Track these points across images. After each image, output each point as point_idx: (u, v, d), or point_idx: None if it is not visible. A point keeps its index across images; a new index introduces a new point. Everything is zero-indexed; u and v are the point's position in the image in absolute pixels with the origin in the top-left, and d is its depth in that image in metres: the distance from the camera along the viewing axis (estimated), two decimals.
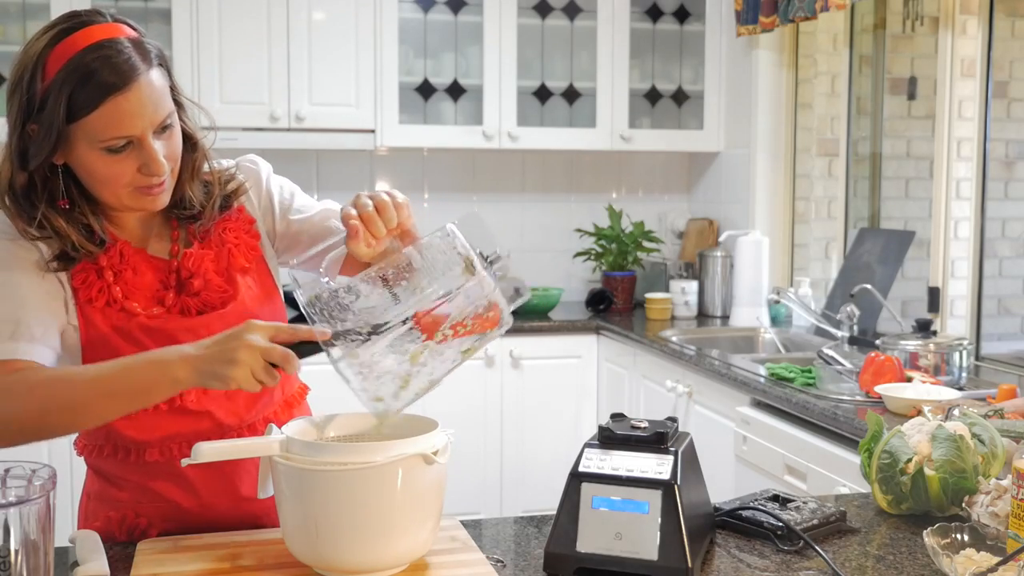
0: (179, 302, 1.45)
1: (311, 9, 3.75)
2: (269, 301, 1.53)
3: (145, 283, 1.44)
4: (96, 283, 1.40)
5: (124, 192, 1.37)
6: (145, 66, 1.33)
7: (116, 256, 1.42)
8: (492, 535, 1.44)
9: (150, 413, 1.42)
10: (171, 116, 1.38)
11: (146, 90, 1.33)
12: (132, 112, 1.32)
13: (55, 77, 1.30)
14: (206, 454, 1.19)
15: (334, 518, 1.18)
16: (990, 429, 1.57)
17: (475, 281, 1.23)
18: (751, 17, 3.71)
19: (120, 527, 1.49)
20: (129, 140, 1.33)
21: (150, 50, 1.36)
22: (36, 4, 3.61)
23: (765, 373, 2.80)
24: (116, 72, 1.30)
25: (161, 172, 1.36)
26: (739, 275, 3.75)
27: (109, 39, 1.32)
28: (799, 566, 1.31)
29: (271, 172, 1.61)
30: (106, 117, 1.30)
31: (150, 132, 1.34)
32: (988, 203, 3.14)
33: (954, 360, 2.61)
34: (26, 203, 1.37)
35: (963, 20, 3.15)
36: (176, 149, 1.41)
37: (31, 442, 1.35)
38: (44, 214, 1.36)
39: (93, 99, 1.30)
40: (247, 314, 1.45)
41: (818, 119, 3.85)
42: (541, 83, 4.08)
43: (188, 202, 1.47)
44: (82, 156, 1.34)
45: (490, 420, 3.78)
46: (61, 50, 1.30)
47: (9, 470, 1.09)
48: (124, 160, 1.34)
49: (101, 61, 1.30)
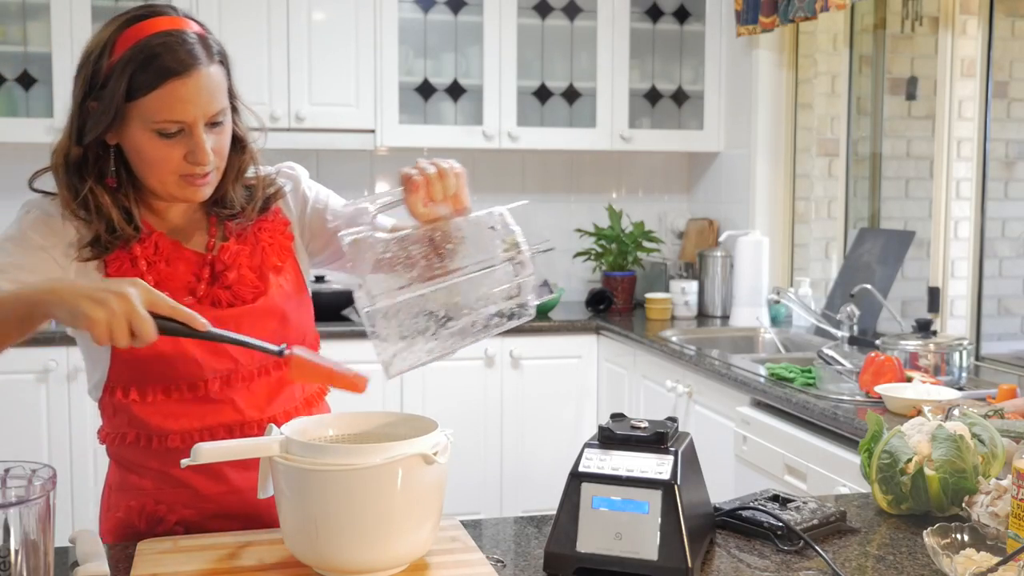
0: (210, 294, 1.49)
1: (311, 9, 3.75)
2: (298, 300, 1.57)
3: (178, 274, 1.48)
4: (130, 271, 1.45)
5: (170, 179, 1.42)
6: (206, 59, 1.40)
7: (151, 247, 1.47)
8: (492, 535, 1.44)
9: (174, 400, 1.46)
10: (223, 114, 1.44)
11: (203, 81, 1.39)
12: (187, 99, 1.37)
13: (121, 56, 1.37)
14: (205, 455, 1.19)
15: (334, 518, 1.18)
16: (990, 429, 1.57)
17: (516, 262, 1.25)
18: (751, 17, 3.71)
19: (140, 516, 1.51)
20: (181, 127, 1.39)
21: (212, 46, 1.43)
22: (36, 4, 3.61)
23: (765, 373, 2.80)
24: (177, 58, 1.37)
25: (206, 162, 1.41)
26: (739, 275, 3.75)
27: (176, 29, 1.39)
28: (799, 566, 1.31)
29: (307, 177, 1.66)
30: (162, 100, 1.36)
31: (201, 122, 1.40)
32: (988, 203, 3.14)
33: (954, 360, 2.61)
34: (76, 176, 1.43)
35: (963, 20, 3.15)
36: (224, 146, 1.46)
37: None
38: (91, 189, 1.42)
39: (152, 81, 1.36)
40: (275, 310, 1.51)
41: (818, 119, 3.85)
42: (541, 83, 4.08)
43: (229, 202, 1.53)
44: (135, 136, 1.40)
45: (490, 420, 3.78)
46: (130, 33, 1.38)
47: (9, 470, 1.09)
48: (173, 146, 1.40)
49: (165, 47, 1.37)
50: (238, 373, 1.49)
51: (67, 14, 3.57)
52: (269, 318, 1.51)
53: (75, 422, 3.45)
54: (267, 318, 1.51)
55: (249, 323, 1.48)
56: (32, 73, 3.66)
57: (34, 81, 3.66)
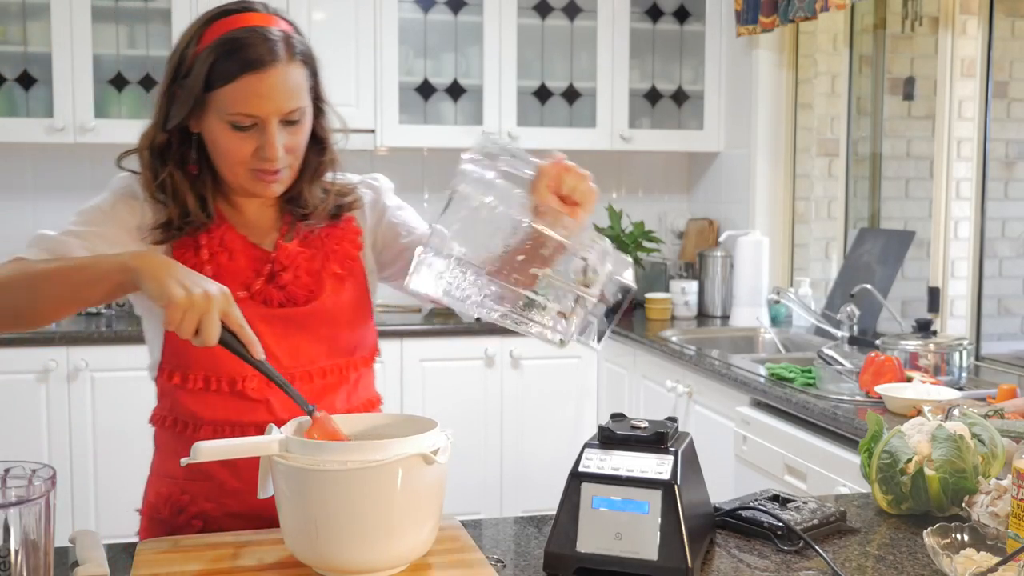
0: (264, 291, 1.50)
1: (311, 9, 3.75)
2: (355, 310, 1.57)
3: (238, 268, 1.50)
4: (191, 260, 1.47)
5: (240, 171, 1.45)
6: (287, 57, 1.41)
7: (217, 239, 1.49)
8: (492, 535, 1.44)
9: (212, 392, 1.48)
10: (300, 113, 1.45)
11: (280, 78, 1.40)
12: (262, 94, 1.39)
13: (206, 47, 1.40)
14: (205, 453, 1.19)
15: (334, 518, 1.18)
16: (990, 429, 1.57)
17: (580, 296, 1.22)
18: (751, 17, 3.71)
19: (166, 503, 1.53)
20: (255, 121, 1.41)
21: (296, 45, 1.44)
22: (36, 4, 3.61)
23: (765, 373, 2.80)
24: (256, 53, 1.39)
25: (275, 158, 1.42)
26: (739, 275, 3.75)
27: (262, 25, 1.42)
28: (799, 566, 1.31)
29: (390, 190, 1.67)
30: (238, 92, 1.39)
31: (275, 119, 1.41)
32: (988, 203, 3.14)
33: (954, 360, 2.61)
34: (158, 160, 1.47)
35: (963, 20, 3.15)
36: (298, 145, 1.47)
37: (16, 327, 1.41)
38: (171, 173, 1.46)
39: (230, 72, 1.38)
40: (326, 316, 1.51)
41: (818, 119, 3.85)
42: (541, 83, 4.08)
43: (304, 201, 1.54)
44: (211, 126, 1.42)
45: (490, 420, 3.78)
46: (218, 25, 1.42)
47: (9, 470, 1.09)
48: (246, 139, 1.42)
49: (247, 41, 1.39)
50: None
51: (67, 14, 3.57)
52: (318, 323, 1.51)
53: (75, 422, 3.45)
54: (316, 322, 1.51)
55: (297, 325, 1.50)
56: (32, 73, 3.66)
57: (34, 81, 3.66)
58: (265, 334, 1.47)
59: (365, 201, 1.61)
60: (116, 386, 3.47)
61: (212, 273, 1.46)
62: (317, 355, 1.52)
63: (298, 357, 1.50)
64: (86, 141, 3.63)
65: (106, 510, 3.49)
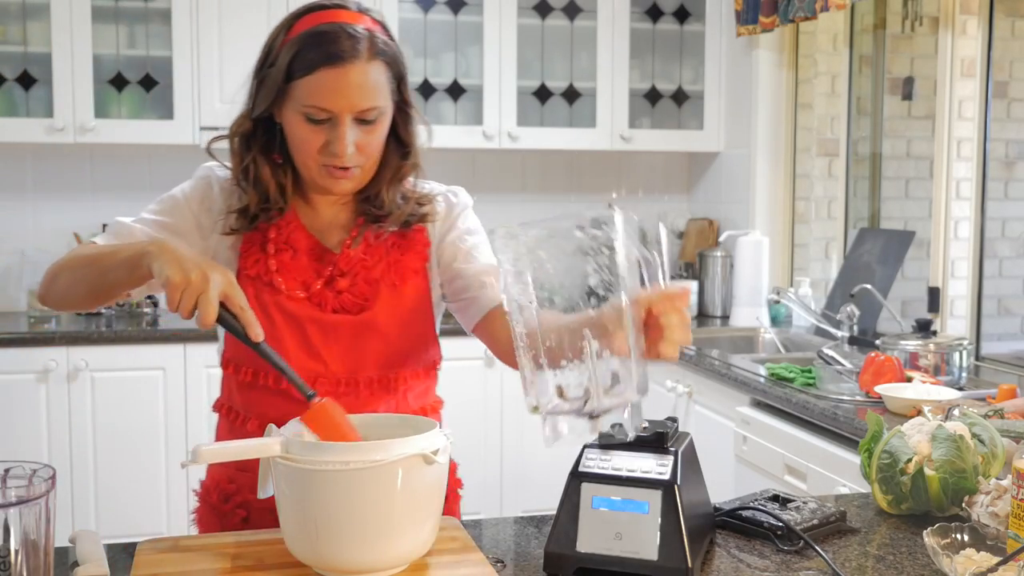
0: (320, 294, 1.51)
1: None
2: (410, 323, 1.54)
3: (300, 266, 1.51)
4: (257, 254, 1.50)
5: (312, 164, 1.46)
6: (367, 56, 1.42)
7: (284, 236, 1.51)
8: (492, 535, 1.44)
9: (259, 386, 1.51)
10: (376, 112, 1.44)
11: (357, 75, 1.41)
12: (335, 89, 1.40)
13: (292, 38, 1.43)
14: (205, 456, 1.18)
15: (334, 518, 1.18)
16: (990, 429, 1.57)
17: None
18: (751, 17, 3.71)
19: (216, 488, 1.57)
20: (329, 116, 1.41)
21: (379, 44, 1.44)
22: (36, 4, 3.61)
23: (765, 373, 2.80)
24: (336, 48, 1.40)
25: (343, 154, 1.43)
26: (739, 275, 3.75)
27: (348, 22, 1.43)
28: (799, 566, 1.31)
29: (467, 208, 1.63)
30: (313, 85, 1.40)
31: (348, 115, 1.42)
32: (988, 203, 3.14)
33: (954, 360, 2.61)
34: (244, 146, 1.49)
35: (963, 20, 3.15)
36: (372, 145, 1.46)
37: (80, 307, 1.50)
38: (254, 159, 1.48)
39: (308, 65, 1.40)
40: (377, 327, 1.51)
41: (818, 119, 3.85)
42: (541, 83, 4.08)
43: (380, 202, 1.53)
44: (289, 116, 1.44)
45: (490, 420, 3.78)
46: (309, 18, 1.44)
47: (9, 470, 1.09)
48: (318, 132, 1.43)
49: (328, 36, 1.40)
50: (324, 378, 1.50)
51: (67, 14, 3.57)
52: (368, 333, 1.51)
53: (75, 422, 3.45)
54: (366, 333, 1.51)
55: (348, 333, 1.50)
56: (32, 73, 3.66)
57: (34, 81, 3.66)
58: (315, 337, 1.50)
59: (439, 215, 1.59)
60: (116, 386, 3.47)
61: (276, 267, 1.49)
62: (365, 365, 1.52)
63: (345, 364, 1.50)
64: (86, 141, 3.63)
65: (106, 510, 3.49)
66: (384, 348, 1.52)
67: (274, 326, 1.47)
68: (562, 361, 1.15)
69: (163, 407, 3.51)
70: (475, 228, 1.62)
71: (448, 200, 1.62)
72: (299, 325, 1.49)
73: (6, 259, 3.91)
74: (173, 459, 3.51)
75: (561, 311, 1.15)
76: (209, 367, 3.50)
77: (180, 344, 3.50)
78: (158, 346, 3.50)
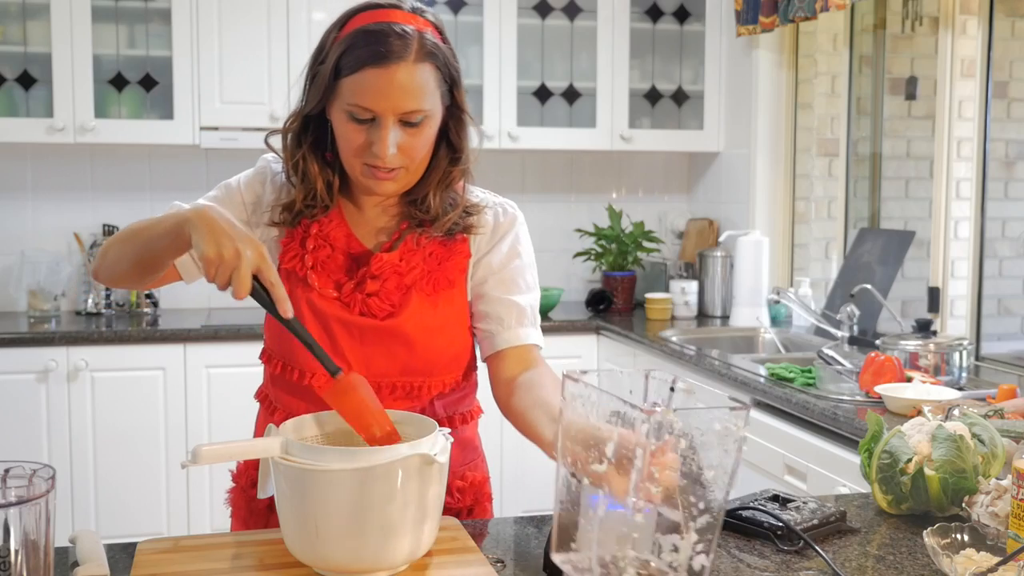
0: (350, 295, 1.50)
1: (311, 9, 3.75)
2: (440, 331, 1.52)
3: (335, 265, 1.51)
4: (297, 249, 1.51)
5: (355, 163, 1.45)
6: (415, 57, 1.40)
7: (325, 233, 1.51)
8: (492, 535, 1.44)
9: (287, 379, 1.52)
10: (421, 115, 1.43)
11: (402, 77, 1.39)
12: (379, 89, 1.39)
13: (343, 36, 1.42)
14: (205, 456, 1.18)
15: (334, 518, 1.18)
16: (990, 429, 1.57)
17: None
18: (751, 17, 3.71)
19: (245, 474, 1.61)
20: (372, 116, 1.41)
21: (428, 46, 1.43)
22: (36, 4, 3.61)
23: (765, 373, 2.80)
24: (382, 49, 1.39)
25: (384, 156, 1.41)
26: (739, 275, 3.75)
27: (398, 22, 1.41)
28: (799, 566, 1.31)
29: (515, 226, 1.58)
30: (358, 84, 1.39)
31: (391, 116, 1.40)
32: (988, 203, 3.14)
33: (954, 360, 2.61)
34: (295, 142, 1.50)
35: (963, 20, 3.15)
36: (415, 148, 1.45)
37: (127, 284, 1.50)
38: (305, 154, 1.49)
39: (355, 64, 1.40)
40: (402, 334, 1.50)
41: (818, 119, 3.85)
42: (541, 83, 4.09)
43: (427, 206, 1.51)
44: (334, 114, 1.44)
45: (490, 420, 3.77)
46: (361, 17, 1.43)
47: (9, 470, 1.09)
48: (361, 131, 1.42)
49: (378, 36, 1.39)
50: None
51: (67, 14, 3.57)
52: (392, 339, 1.50)
53: (75, 422, 3.45)
54: (391, 339, 1.50)
55: (372, 337, 1.49)
56: (32, 73, 3.66)
57: (34, 81, 3.66)
58: (341, 337, 1.50)
59: (487, 228, 1.56)
60: (116, 386, 3.47)
61: (312, 262, 1.49)
62: (389, 370, 1.51)
63: (369, 368, 1.49)
64: (86, 141, 3.63)
65: (106, 510, 3.49)
66: (408, 356, 1.51)
67: (302, 321, 1.47)
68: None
69: (163, 407, 3.51)
70: (520, 251, 1.58)
71: (496, 215, 1.57)
72: (326, 323, 1.49)
73: (6, 259, 3.91)
74: (173, 459, 3.51)
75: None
76: (209, 367, 3.50)
77: (180, 344, 3.50)
78: (158, 346, 3.50)
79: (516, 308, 1.54)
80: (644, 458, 1.04)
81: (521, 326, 1.54)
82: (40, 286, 3.82)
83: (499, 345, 1.53)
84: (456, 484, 1.59)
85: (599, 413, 1.10)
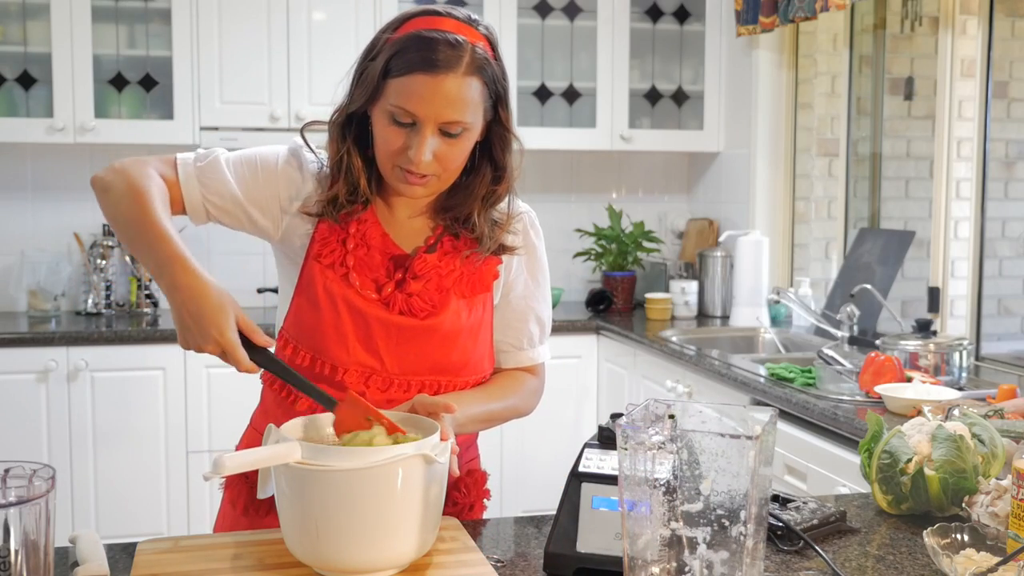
0: (391, 296, 1.51)
1: (311, 9, 3.75)
2: (472, 334, 1.56)
3: (373, 264, 1.52)
4: (334, 244, 1.51)
5: (388, 163, 1.47)
6: (465, 70, 1.41)
7: (362, 231, 1.51)
8: (492, 535, 1.44)
9: (314, 374, 1.51)
10: (462, 127, 1.44)
11: (449, 86, 1.40)
12: (423, 95, 1.40)
13: (397, 37, 1.43)
14: (230, 467, 1.15)
15: (334, 518, 1.18)
16: (990, 429, 1.57)
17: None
18: (751, 17, 3.71)
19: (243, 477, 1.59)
20: (413, 121, 1.41)
21: (478, 60, 1.43)
22: (36, 4, 3.61)
23: (765, 373, 2.80)
24: (433, 56, 1.40)
25: (419, 162, 1.43)
26: (739, 275, 3.75)
27: (452, 32, 1.42)
28: (799, 566, 1.31)
29: (541, 235, 1.65)
30: (403, 87, 1.40)
31: (431, 124, 1.42)
32: (988, 203, 3.14)
33: (954, 360, 2.61)
34: (340, 136, 1.51)
35: (963, 20, 3.15)
36: (452, 159, 1.46)
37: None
38: (348, 150, 1.50)
39: (404, 66, 1.40)
40: (440, 335, 1.52)
41: (818, 119, 3.85)
42: (541, 83, 4.09)
43: (473, 225, 1.54)
44: (376, 113, 1.45)
45: None
46: (418, 21, 1.45)
47: (9, 470, 1.09)
48: (399, 134, 1.43)
49: (429, 43, 1.41)
50: (378, 375, 1.51)
51: (67, 14, 3.57)
52: (430, 339, 1.52)
53: (75, 422, 3.45)
54: (428, 338, 1.52)
55: (410, 336, 1.51)
56: (32, 73, 3.66)
57: (34, 81, 3.66)
58: (378, 334, 1.50)
59: (522, 252, 1.61)
60: (116, 386, 3.47)
61: (353, 262, 1.50)
62: (421, 368, 1.53)
63: (402, 365, 1.52)
64: (86, 141, 3.63)
65: (106, 510, 3.49)
66: (442, 356, 1.53)
67: (339, 317, 1.49)
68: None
69: (163, 407, 3.51)
70: (544, 263, 1.66)
71: (524, 224, 1.62)
72: (365, 321, 1.50)
73: (6, 259, 3.91)
74: (173, 459, 3.52)
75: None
76: (209, 367, 3.50)
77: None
78: (158, 346, 3.50)
79: (538, 327, 1.64)
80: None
81: (533, 347, 1.65)
82: (40, 286, 3.82)
83: (510, 364, 1.65)
84: (456, 484, 1.59)
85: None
